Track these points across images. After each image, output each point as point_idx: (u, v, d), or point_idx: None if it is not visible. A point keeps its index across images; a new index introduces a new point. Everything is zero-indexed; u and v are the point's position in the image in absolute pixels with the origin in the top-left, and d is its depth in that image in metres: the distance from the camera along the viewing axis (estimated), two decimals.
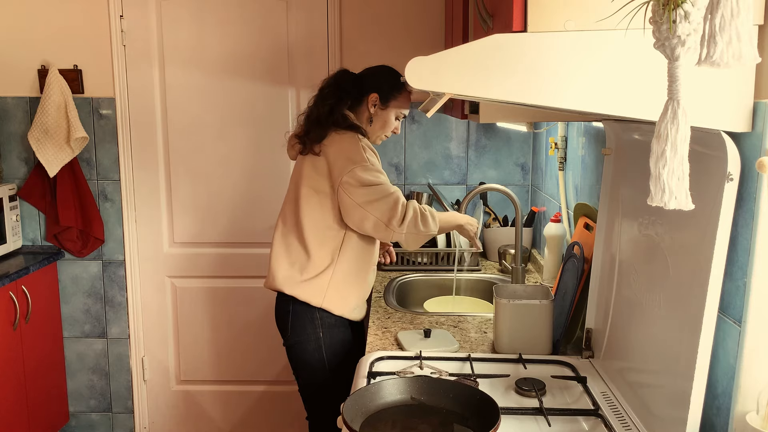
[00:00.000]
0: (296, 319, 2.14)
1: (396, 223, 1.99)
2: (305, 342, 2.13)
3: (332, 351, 2.13)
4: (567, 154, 2.47)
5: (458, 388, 1.41)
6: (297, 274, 2.11)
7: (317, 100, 2.14)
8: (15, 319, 2.78)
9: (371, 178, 2.01)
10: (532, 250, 2.86)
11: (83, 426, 3.32)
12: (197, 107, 3.08)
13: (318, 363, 2.13)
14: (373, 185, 2.00)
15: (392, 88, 2.12)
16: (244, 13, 3.02)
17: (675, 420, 1.21)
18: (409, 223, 2.00)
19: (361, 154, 2.03)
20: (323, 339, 2.12)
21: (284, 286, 2.12)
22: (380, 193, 2.00)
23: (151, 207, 3.16)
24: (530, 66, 1.07)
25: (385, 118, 2.16)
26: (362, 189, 2.00)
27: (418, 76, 1.08)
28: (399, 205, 2.00)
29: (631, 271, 1.50)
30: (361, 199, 2.00)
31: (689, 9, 0.79)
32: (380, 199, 2.00)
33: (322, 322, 2.12)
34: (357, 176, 2.00)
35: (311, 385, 2.19)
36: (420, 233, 2.03)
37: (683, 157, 0.83)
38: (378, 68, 2.20)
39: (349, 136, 2.06)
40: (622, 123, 1.57)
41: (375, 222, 2.01)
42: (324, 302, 2.10)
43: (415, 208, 2.03)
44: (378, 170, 2.05)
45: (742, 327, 1.13)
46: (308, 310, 2.11)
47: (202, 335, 3.25)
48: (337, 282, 2.11)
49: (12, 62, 3.04)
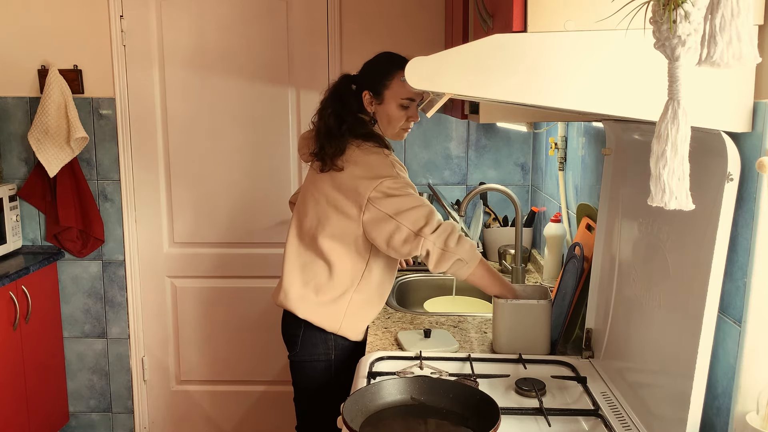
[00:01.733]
0: (307, 339, 2.01)
1: (428, 230, 1.81)
2: (315, 361, 2.02)
3: (341, 369, 2.02)
4: (567, 154, 2.47)
5: (458, 388, 1.41)
6: (312, 294, 1.98)
7: (320, 113, 2.00)
8: (15, 319, 2.78)
9: (402, 190, 1.85)
10: (532, 250, 2.86)
11: (83, 426, 3.32)
12: (197, 107, 3.08)
13: (325, 380, 2.03)
14: (404, 195, 1.84)
15: (381, 78, 1.96)
16: (244, 13, 3.02)
17: (675, 420, 1.21)
18: (441, 232, 1.81)
19: (390, 169, 1.87)
20: (334, 360, 2.01)
21: (298, 309, 1.98)
22: (413, 202, 1.84)
23: (151, 207, 3.16)
24: (530, 66, 1.07)
25: (387, 113, 1.98)
26: (393, 199, 1.83)
27: (418, 76, 1.08)
28: (434, 215, 1.84)
29: (631, 271, 1.50)
30: (392, 209, 1.82)
31: (689, 9, 0.79)
32: (413, 208, 1.83)
33: (335, 345, 2.00)
34: (386, 188, 1.84)
35: (307, 402, 2.09)
36: (447, 250, 1.81)
37: (684, 157, 0.83)
38: (369, 62, 2.04)
39: (374, 153, 1.90)
40: (622, 123, 1.57)
41: (407, 233, 1.81)
42: (341, 329, 1.98)
43: (452, 224, 1.85)
44: (408, 184, 1.89)
45: (742, 327, 1.13)
46: (321, 333, 1.99)
47: (201, 335, 3.25)
48: (354, 308, 1.99)
49: (12, 62, 3.04)
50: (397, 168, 1.91)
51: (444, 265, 1.83)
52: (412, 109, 2.02)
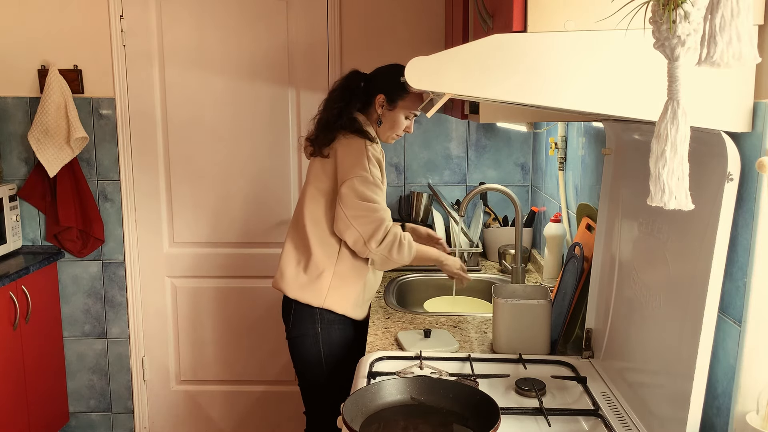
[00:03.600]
0: (297, 314, 2.18)
1: (374, 243, 2.04)
2: (303, 336, 2.17)
3: (330, 347, 2.16)
4: (567, 154, 2.47)
5: (458, 388, 1.41)
6: (302, 273, 2.16)
7: (326, 104, 2.18)
8: (15, 319, 2.78)
9: (367, 193, 2.04)
10: (532, 250, 2.86)
11: (83, 426, 3.32)
12: (197, 107, 3.08)
13: (315, 358, 2.16)
14: (365, 201, 2.03)
15: (399, 89, 2.10)
16: (244, 13, 3.01)
17: (675, 420, 1.21)
18: (384, 246, 2.05)
19: (364, 163, 2.05)
20: (321, 335, 2.15)
21: (288, 289, 2.18)
22: (369, 210, 2.04)
23: (151, 207, 3.16)
24: (530, 66, 1.07)
25: (393, 119, 2.15)
26: (355, 201, 2.03)
27: (418, 76, 1.08)
28: (382, 227, 2.04)
29: (631, 271, 1.50)
30: (350, 213, 2.04)
31: (689, 9, 0.79)
32: (366, 216, 2.03)
33: (321, 318, 2.15)
34: (354, 188, 2.03)
35: (308, 380, 2.22)
36: (391, 259, 2.08)
37: (683, 157, 0.83)
38: (387, 68, 2.18)
39: (357, 142, 2.08)
40: (622, 123, 1.57)
41: (356, 237, 2.05)
42: (325, 303, 2.14)
43: (395, 234, 2.06)
44: (376, 184, 2.07)
45: (742, 327, 1.13)
46: (309, 308, 2.16)
47: (202, 335, 3.25)
48: (337, 283, 2.14)
49: (12, 62, 3.04)
50: (372, 163, 2.07)
51: (381, 267, 2.16)
52: (412, 121, 2.21)
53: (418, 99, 2.13)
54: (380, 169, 2.13)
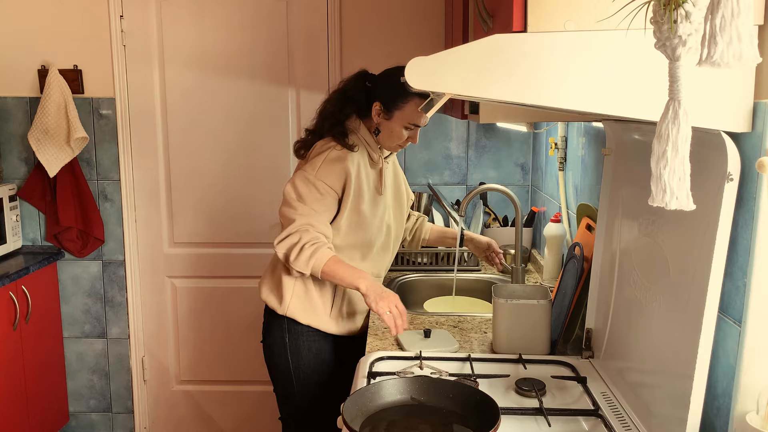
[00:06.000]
0: (267, 318, 2.14)
1: (276, 240, 1.95)
2: (273, 344, 2.11)
3: (298, 359, 2.08)
4: (567, 154, 2.47)
5: (458, 388, 1.41)
6: (271, 274, 2.11)
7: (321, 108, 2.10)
8: (15, 319, 2.78)
9: (296, 192, 1.95)
10: (532, 250, 2.86)
11: (83, 426, 3.32)
12: (197, 107, 3.08)
13: (284, 368, 2.10)
14: (291, 198, 1.95)
15: (396, 98, 1.97)
16: (244, 13, 3.02)
17: (675, 420, 1.21)
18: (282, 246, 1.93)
19: (315, 163, 1.97)
20: (289, 344, 2.08)
21: (261, 290, 2.13)
22: (289, 207, 1.95)
23: (151, 207, 3.16)
24: (530, 66, 1.07)
25: (390, 129, 2.01)
26: (284, 197, 1.97)
27: (418, 76, 1.08)
28: (288, 227, 1.93)
29: (631, 271, 1.50)
30: (281, 207, 1.99)
31: (690, 9, 0.79)
32: (285, 214, 1.96)
33: (288, 328, 2.07)
34: (293, 183, 1.97)
35: (278, 388, 2.17)
36: (290, 263, 1.93)
37: (684, 158, 0.83)
38: (390, 72, 2.02)
39: (326, 145, 2.00)
40: (622, 123, 1.57)
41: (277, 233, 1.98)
42: (288, 311, 2.05)
43: (299, 239, 1.90)
44: (316, 186, 1.94)
45: (742, 327, 1.13)
46: (277, 316, 2.09)
47: (202, 335, 3.25)
48: (300, 289, 2.05)
49: (12, 62, 3.04)
50: (325, 165, 1.96)
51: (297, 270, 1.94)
52: (415, 132, 2.05)
53: (417, 111, 1.96)
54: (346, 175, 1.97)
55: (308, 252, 1.89)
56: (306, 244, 1.90)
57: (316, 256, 1.89)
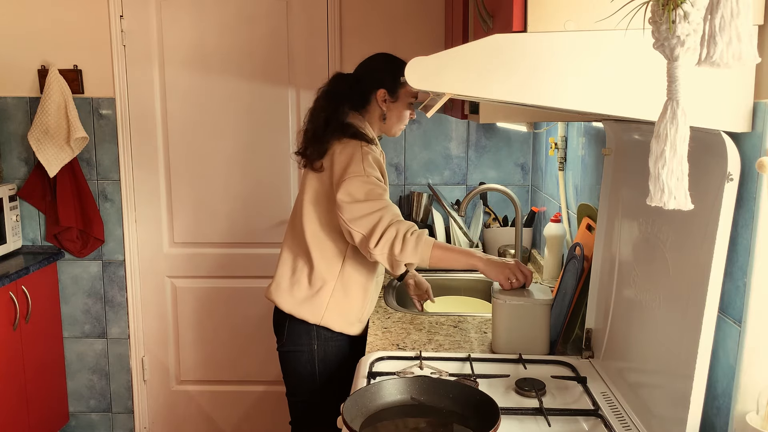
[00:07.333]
0: (292, 329, 2.09)
1: (372, 243, 1.88)
2: (298, 352, 2.09)
3: (325, 364, 2.08)
4: (567, 154, 2.47)
5: (458, 388, 1.41)
6: (299, 286, 2.06)
7: (312, 114, 2.06)
8: (15, 319, 2.78)
9: (361, 193, 1.91)
10: (532, 250, 2.86)
11: (83, 426, 3.32)
12: (197, 107, 3.09)
13: (308, 374, 2.09)
14: (359, 201, 1.90)
15: (395, 78, 2.01)
16: (244, 13, 3.02)
17: (675, 420, 1.21)
18: (383, 245, 1.88)
19: (358, 164, 1.93)
20: (317, 351, 2.07)
21: (283, 303, 2.08)
22: (365, 210, 1.90)
23: (151, 207, 3.16)
24: (530, 66, 1.07)
25: (399, 110, 2.07)
26: (350, 205, 1.91)
27: (418, 76, 1.08)
28: (379, 225, 1.88)
29: (631, 271, 1.50)
30: (347, 216, 1.91)
31: (689, 9, 0.79)
32: (364, 217, 1.90)
33: (318, 335, 2.07)
34: (348, 191, 1.91)
35: (298, 394, 2.15)
36: (395, 258, 1.88)
37: (682, 157, 0.82)
38: (373, 61, 2.10)
39: (351, 146, 1.96)
40: (622, 123, 1.57)
41: (359, 239, 1.91)
42: (323, 320, 2.05)
43: (397, 231, 1.87)
44: (373, 183, 1.93)
45: (742, 327, 1.13)
46: (305, 324, 2.07)
47: (202, 335, 3.25)
48: (337, 298, 2.05)
49: (12, 62, 3.04)
50: (367, 163, 1.94)
51: (398, 270, 1.93)
52: (412, 108, 2.13)
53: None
54: (380, 169, 2.01)
55: (412, 242, 1.87)
56: (406, 233, 1.88)
57: (420, 245, 1.88)
